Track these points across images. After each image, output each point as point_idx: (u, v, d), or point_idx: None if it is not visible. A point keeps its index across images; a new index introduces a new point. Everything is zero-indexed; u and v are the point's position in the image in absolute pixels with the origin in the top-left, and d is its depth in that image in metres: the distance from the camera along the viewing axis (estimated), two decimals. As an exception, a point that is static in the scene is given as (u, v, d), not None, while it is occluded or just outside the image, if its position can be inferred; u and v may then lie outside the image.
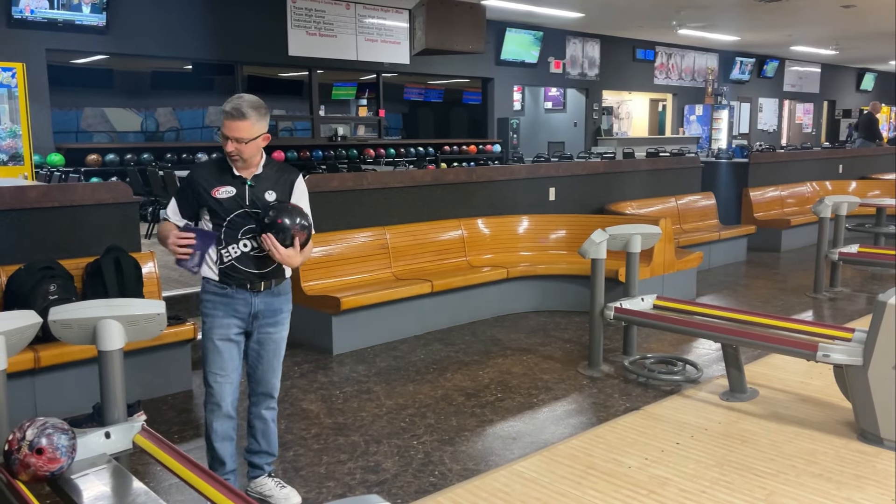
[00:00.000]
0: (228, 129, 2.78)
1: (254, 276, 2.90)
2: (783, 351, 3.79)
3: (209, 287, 2.95)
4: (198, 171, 2.94)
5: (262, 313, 2.96)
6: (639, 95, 18.85)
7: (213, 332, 2.95)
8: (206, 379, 3.00)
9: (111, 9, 9.28)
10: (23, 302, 3.79)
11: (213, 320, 2.94)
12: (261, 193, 2.88)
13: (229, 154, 2.82)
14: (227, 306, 2.92)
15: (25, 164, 7.77)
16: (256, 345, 3.03)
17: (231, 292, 2.91)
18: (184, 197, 2.91)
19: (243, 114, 2.76)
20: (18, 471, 2.28)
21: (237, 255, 2.89)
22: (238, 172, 2.86)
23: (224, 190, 2.84)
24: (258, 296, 2.93)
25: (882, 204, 8.44)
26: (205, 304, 2.97)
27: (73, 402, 3.91)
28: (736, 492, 3.08)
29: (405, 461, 3.45)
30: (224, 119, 2.78)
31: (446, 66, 12.90)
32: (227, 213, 2.85)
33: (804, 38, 16.79)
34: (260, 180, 2.89)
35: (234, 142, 2.78)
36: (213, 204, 2.84)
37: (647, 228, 4.82)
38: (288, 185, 2.96)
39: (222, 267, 2.90)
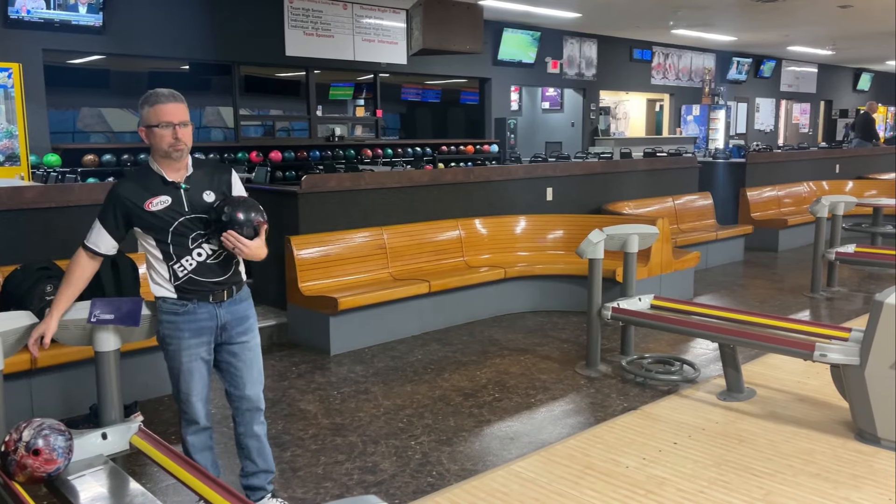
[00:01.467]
0: (172, 113, 2.57)
1: (214, 285, 2.69)
2: (780, 351, 3.79)
3: (166, 307, 2.69)
4: (120, 187, 2.64)
5: (230, 324, 2.75)
6: (636, 95, 18.86)
7: (182, 355, 2.70)
8: (178, 397, 2.79)
9: (108, 9, 9.26)
10: (19, 302, 3.79)
11: (180, 342, 2.69)
12: (198, 196, 2.66)
13: (173, 145, 2.58)
14: (193, 324, 2.68)
15: (22, 164, 7.75)
16: (231, 357, 2.80)
17: (193, 308, 2.67)
18: (109, 218, 2.62)
19: (181, 96, 2.61)
20: (15, 472, 2.28)
21: (193, 266, 2.65)
22: (169, 177, 2.63)
23: (158, 201, 2.60)
24: (222, 306, 2.72)
25: (879, 204, 8.45)
26: (164, 325, 2.70)
27: (69, 403, 3.91)
28: (733, 491, 3.09)
29: (403, 461, 3.45)
30: (161, 105, 2.56)
31: (444, 67, 12.89)
32: (168, 225, 2.61)
33: (801, 39, 16.80)
34: (193, 182, 2.67)
35: (181, 127, 2.58)
36: (148, 219, 2.60)
37: (645, 228, 4.82)
38: (225, 185, 2.77)
39: (178, 283, 2.66)
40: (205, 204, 2.66)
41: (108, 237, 2.64)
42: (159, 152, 2.61)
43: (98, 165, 9.65)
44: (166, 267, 2.65)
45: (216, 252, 2.67)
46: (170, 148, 2.58)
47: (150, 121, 2.58)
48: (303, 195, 5.40)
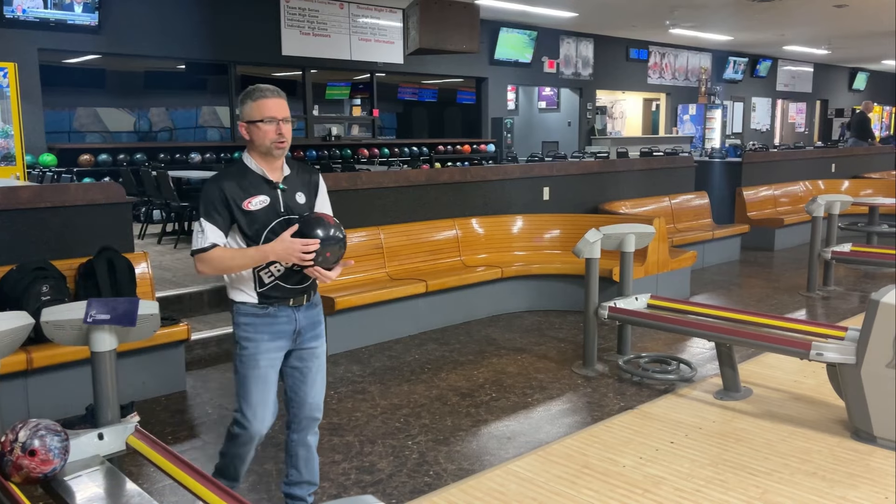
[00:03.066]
0: (276, 109, 2.48)
1: (296, 290, 2.62)
2: (777, 350, 3.80)
3: (246, 310, 2.60)
4: (220, 182, 2.51)
5: (305, 329, 2.67)
6: (632, 95, 18.88)
7: (260, 359, 2.60)
8: (244, 411, 2.64)
9: (104, 8, 9.25)
10: (15, 303, 3.78)
11: (259, 345, 2.60)
12: (292, 197, 2.59)
13: (276, 141, 2.49)
14: (272, 327, 2.60)
15: (17, 164, 7.74)
16: (299, 362, 2.72)
17: (273, 311, 2.60)
18: (217, 215, 2.49)
19: (283, 92, 2.52)
20: (11, 472, 2.27)
21: (281, 272, 2.57)
22: (270, 176, 2.55)
23: (257, 200, 2.51)
24: (300, 310, 2.65)
25: (875, 203, 8.48)
26: (243, 328, 2.61)
27: (65, 403, 3.89)
28: (730, 490, 3.09)
29: (400, 461, 3.45)
30: (265, 100, 2.48)
31: (440, 66, 12.89)
32: (265, 227, 2.51)
33: (797, 38, 16.84)
34: (289, 182, 2.59)
35: (284, 123, 2.49)
36: (245, 219, 2.50)
37: (641, 228, 4.83)
38: (314, 187, 2.69)
39: (263, 289, 2.58)
40: (298, 206, 2.58)
41: (220, 231, 2.50)
42: (261, 149, 2.52)
43: (94, 165, 9.64)
44: (252, 272, 2.56)
45: None
46: (272, 144, 2.50)
47: (252, 116, 2.49)
48: (299, 195, 5.38)
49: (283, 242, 2.43)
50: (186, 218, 8.45)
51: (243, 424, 2.66)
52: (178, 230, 8.25)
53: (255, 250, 2.47)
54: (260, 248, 2.47)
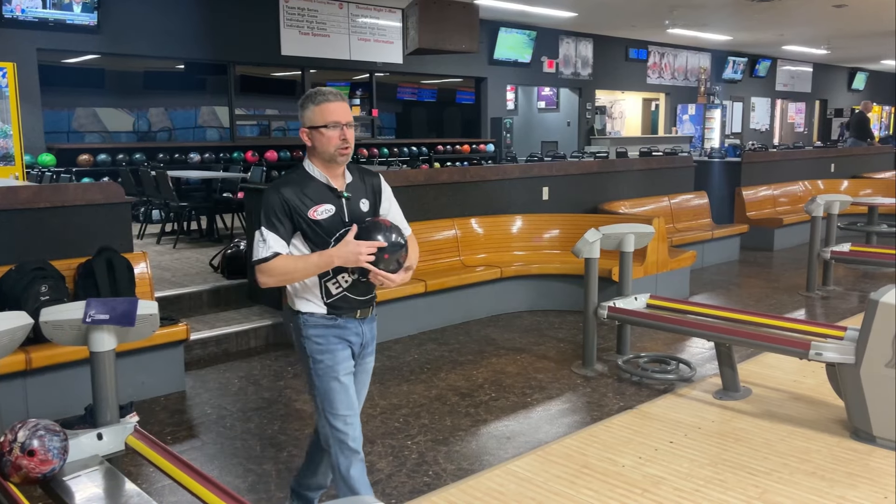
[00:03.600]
0: (340, 113, 2.38)
1: (361, 302, 2.53)
2: (776, 349, 3.80)
3: (314, 321, 2.48)
4: (282, 190, 2.39)
5: (368, 342, 2.60)
6: (632, 95, 18.88)
7: (339, 369, 2.49)
8: (332, 423, 2.50)
9: (103, 8, 9.24)
10: (14, 303, 3.77)
11: (335, 355, 2.49)
12: (356, 205, 2.47)
13: (341, 148, 2.39)
14: (342, 337, 2.51)
15: (16, 164, 7.74)
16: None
17: (342, 322, 2.50)
18: (279, 224, 2.37)
19: (344, 95, 2.42)
20: (10, 473, 2.27)
21: (348, 284, 2.47)
22: (333, 184, 2.44)
23: (323, 209, 2.39)
24: (364, 323, 2.56)
25: (874, 203, 8.48)
26: (314, 340, 2.48)
27: (64, 403, 3.89)
28: (730, 490, 3.09)
29: (399, 461, 3.45)
30: (329, 104, 2.37)
31: (439, 66, 12.89)
32: (330, 237, 2.40)
33: (796, 38, 16.84)
34: (353, 189, 2.48)
35: (348, 127, 2.38)
36: (311, 228, 2.39)
37: (641, 228, 4.83)
38: (377, 192, 2.58)
39: (331, 300, 2.47)
40: (361, 214, 2.47)
41: (282, 241, 2.38)
42: (324, 156, 2.40)
43: (93, 165, 9.63)
44: (319, 283, 2.45)
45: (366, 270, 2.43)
46: (336, 151, 2.38)
47: (315, 121, 2.38)
48: (299, 195, 5.38)
49: (346, 245, 2.33)
50: (185, 218, 8.45)
51: (340, 439, 2.50)
52: (178, 230, 8.25)
53: (318, 256, 2.37)
54: (323, 254, 2.36)
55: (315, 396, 2.53)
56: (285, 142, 12.45)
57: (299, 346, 2.52)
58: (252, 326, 5.28)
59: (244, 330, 5.23)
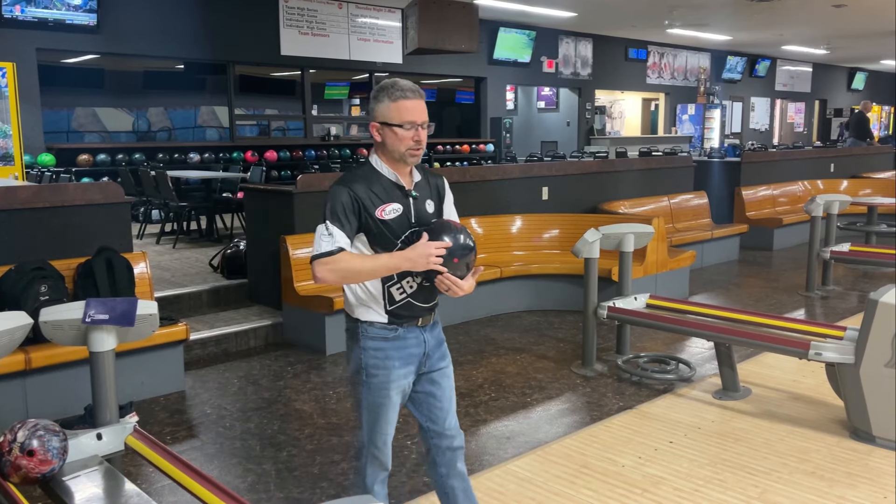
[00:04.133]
0: (417, 112, 2.23)
1: (425, 309, 2.39)
2: (776, 349, 3.80)
3: (374, 332, 2.33)
4: (352, 186, 2.25)
5: (433, 349, 2.43)
6: (631, 95, 18.89)
7: (391, 388, 2.34)
8: (372, 439, 2.39)
9: (102, 8, 9.24)
10: (13, 303, 3.77)
11: (391, 372, 2.34)
12: (423, 206, 2.34)
13: (413, 149, 2.24)
14: (402, 351, 2.35)
15: (16, 164, 7.74)
16: (431, 386, 2.44)
17: (402, 333, 2.35)
18: (346, 220, 2.22)
19: (422, 91, 2.27)
20: (10, 473, 2.27)
21: (413, 289, 2.33)
22: (402, 181, 2.30)
23: (391, 209, 2.26)
24: (426, 330, 2.41)
25: (873, 202, 8.48)
26: (371, 353, 2.33)
27: (64, 403, 3.89)
28: (729, 490, 3.09)
29: (399, 461, 3.45)
30: (406, 101, 2.21)
31: (439, 66, 12.89)
32: (397, 238, 2.26)
33: (796, 38, 16.84)
34: (420, 189, 2.34)
35: (423, 128, 2.24)
36: (378, 228, 2.25)
37: (640, 227, 4.83)
38: (441, 193, 2.45)
39: (393, 307, 2.32)
40: (427, 215, 2.34)
41: (347, 238, 2.22)
42: (393, 154, 2.26)
43: (92, 165, 9.63)
44: (382, 288, 2.30)
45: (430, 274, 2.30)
46: (407, 152, 2.24)
47: (389, 118, 2.22)
48: (298, 195, 5.39)
49: (415, 248, 2.19)
50: (185, 218, 8.45)
51: (377, 457, 2.42)
52: (177, 230, 8.25)
53: (387, 256, 2.21)
54: (394, 255, 2.21)
55: (360, 408, 2.40)
56: (285, 141, 12.46)
57: (354, 355, 2.38)
58: (252, 326, 5.28)
59: (244, 330, 5.23)
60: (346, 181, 2.28)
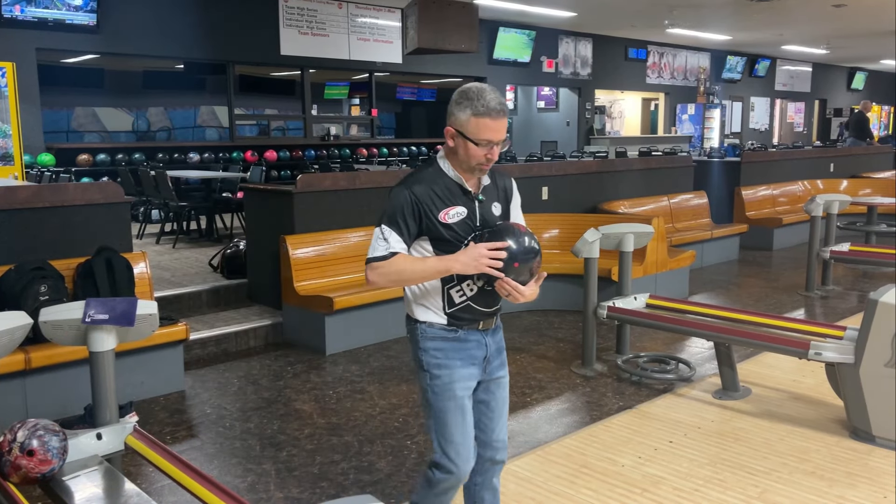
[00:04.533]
0: (498, 131, 2.14)
1: (486, 313, 2.31)
2: (775, 349, 3.80)
3: (433, 332, 2.29)
4: (414, 188, 2.18)
5: (493, 355, 2.35)
6: (631, 95, 18.88)
7: (456, 388, 2.26)
8: (446, 452, 2.27)
9: (102, 8, 9.23)
10: (13, 303, 3.77)
11: (454, 372, 2.26)
12: (489, 208, 2.28)
13: (482, 165, 2.18)
14: (463, 351, 2.29)
15: (15, 164, 7.73)
16: (486, 395, 2.37)
17: (463, 335, 2.28)
18: (403, 224, 2.17)
19: (507, 105, 2.18)
20: (9, 473, 2.27)
21: (474, 292, 2.26)
22: (468, 185, 2.23)
23: (454, 212, 2.20)
24: (488, 335, 2.34)
25: (873, 202, 8.48)
26: (432, 353, 2.28)
27: (64, 403, 3.89)
28: (729, 490, 3.09)
29: (399, 461, 3.45)
30: (491, 120, 2.12)
31: (439, 66, 12.88)
32: (460, 242, 2.20)
33: (796, 38, 16.84)
34: (487, 192, 2.29)
35: (498, 145, 2.16)
36: (440, 232, 2.18)
37: (640, 227, 4.83)
38: (509, 194, 2.37)
39: (453, 309, 2.27)
40: (493, 218, 2.28)
41: (403, 242, 2.18)
42: (462, 164, 2.20)
43: (92, 165, 9.63)
44: (441, 289, 2.25)
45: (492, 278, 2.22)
46: (477, 165, 2.18)
47: (467, 131, 2.14)
48: (298, 195, 5.39)
49: (467, 251, 2.14)
50: (185, 218, 8.45)
51: (448, 468, 2.27)
52: (177, 230, 8.25)
53: (437, 260, 2.18)
54: (443, 259, 2.17)
55: (427, 416, 2.33)
56: (284, 141, 12.46)
57: (416, 358, 2.33)
58: (251, 326, 5.28)
59: (243, 330, 5.23)
60: (408, 183, 2.22)
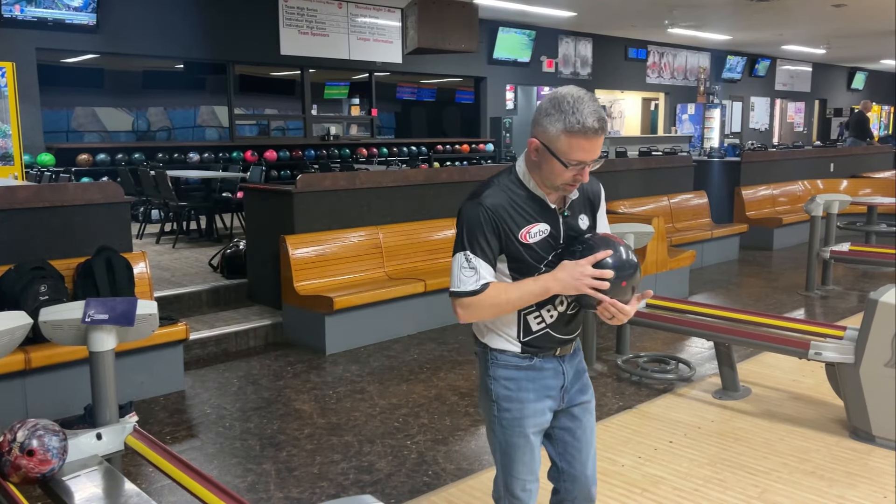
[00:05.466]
0: (590, 151, 1.85)
1: (563, 340, 2.08)
2: (775, 349, 3.80)
3: (506, 360, 2.06)
4: (491, 203, 1.93)
5: (572, 381, 2.12)
6: (631, 94, 18.88)
7: (527, 423, 2.06)
8: (508, 485, 2.14)
9: (102, 8, 9.23)
10: (13, 303, 3.77)
11: (525, 406, 2.05)
12: (575, 222, 2.02)
13: (568, 185, 1.92)
14: (537, 383, 2.06)
15: (15, 164, 7.73)
16: (571, 423, 2.14)
17: (538, 363, 2.06)
18: (487, 246, 1.92)
19: (606, 121, 1.87)
20: (9, 473, 2.27)
21: (553, 319, 2.02)
22: (550, 200, 1.97)
23: (536, 230, 1.94)
24: (565, 361, 2.10)
25: (873, 202, 8.48)
26: (502, 383, 2.06)
27: (64, 403, 3.89)
28: (729, 490, 3.09)
29: (399, 461, 3.45)
30: (587, 139, 1.82)
31: (439, 66, 12.89)
32: (541, 262, 1.96)
33: (795, 38, 16.84)
34: (573, 205, 2.02)
35: (590, 164, 1.89)
36: (520, 252, 1.94)
37: (640, 227, 4.82)
38: (596, 202, 2.10)
39: (529, 338, 2.03)
40: (580, 232, 2.02)
41: (490, 266, 1.94)
42: (545, 181, 1.94)
43: (92, 165, 9.63)
44: (518, 315, 2.01)
45: (575, 301, 2.01)
46: (562, 186, 1.93)
47: (556, 148, 1.85)
48: (298, 194, 5.39)
49: (566, 269, 1.89)
50: (185, 218, 8.44)
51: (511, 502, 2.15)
52: (177, 230, 8.24)
53: (532, 282, 1.92)
54: (539, 279, 1.92)
55: (493, 449, 2.16)
56: (284, 141, 12.45)
57: (484, 385, 2.12)
58: (251, 326, 5.28)
59: (243, 330, 5.23)
60: (483, 196, 1.95)
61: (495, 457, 2.16)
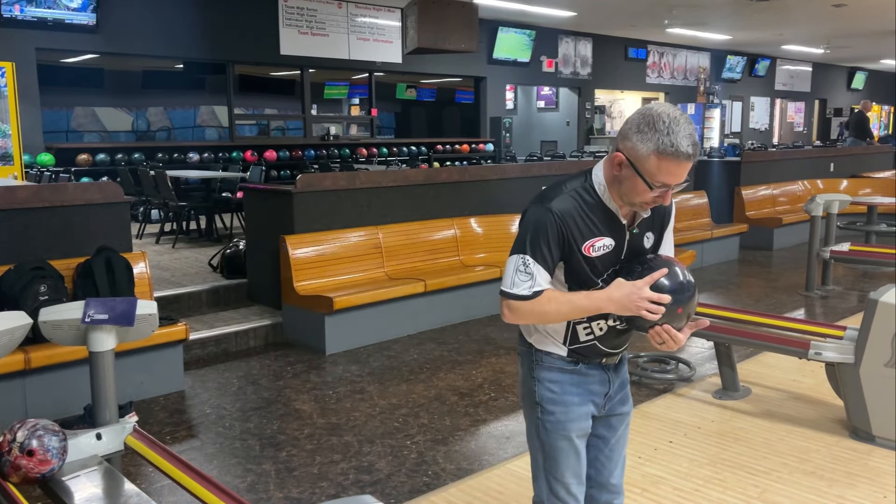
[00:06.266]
0: (678, 175, 1.78)
1: (609, 353, 2.05)
2: (775, 349, 3.80)
3: (552, 362, 2.03)
4: (559, 209, 1.86)
5: (616, 390, 2.11)
6: (631, 94, 18.88)
7: (571, 426, 2.03)
8: (553, 488, 2.08)
9: (102, 8, 9.23)
10: (13, 303, 3.77)
11: (570, 410, 2.02)
12: (640, 240, 1.96)
13: (647, 205, 1.86)
14: (582, 387, 2.04)
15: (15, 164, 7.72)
16: (606, 431, 2.12)
17: (583, 369, 2.04)
18: (548, 253, 1.87)
19: (697, 151, 1.80)
20: (9, 473, 2.27)
21: (604, 332, 2.00)
22: (621, 214, 1.90)
23: (601, 244, 1.89)
24: (610, 369, 2.08)
25: (873, 202, 8.48)
26: (548, 386, 2.03)
27: (63, 403, 3.89)
28: (729, 490, 3.09)
29: (399, 461, 3.45)
30: (677, 163, 1.75)
31: (439, 66, 12.88)
32: (600, 276, 1.92)
33: (795, 37, 16.84)
34: (642, 223, 1.96)
35: (673, 188, 1.82)
36: (580, 264, 1.90)
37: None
38: (665, 220, 2.03)
39: (575, 346, 2.01)
40: (643, 250, 1.97)
41: (547, 274, 1.89)
42: (624, 197, 1.86)
43: (92, 165, 9.62)
44: (568, 324, 1.98)
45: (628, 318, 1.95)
46: (640, 204, 1.86)
47: (643, 167, 1.77)
48: (298, 194, 5.39)
49: (622, 289, 1.83)
50: (184, 218, 8.44)
51: None
52: (177, 230, 8.24)
53: (585, 297, 1.88)
54: (592, 295, 1.88)
55: (535, 451, 2.11)
56: (284, 141, 12.45)
57: (528, 387, 2.08)
58: (251, 326, 5.28)
59: (243, 330, 5.23)
60: (553, 201, 1.89)
61: (535, 458, 2.11)
